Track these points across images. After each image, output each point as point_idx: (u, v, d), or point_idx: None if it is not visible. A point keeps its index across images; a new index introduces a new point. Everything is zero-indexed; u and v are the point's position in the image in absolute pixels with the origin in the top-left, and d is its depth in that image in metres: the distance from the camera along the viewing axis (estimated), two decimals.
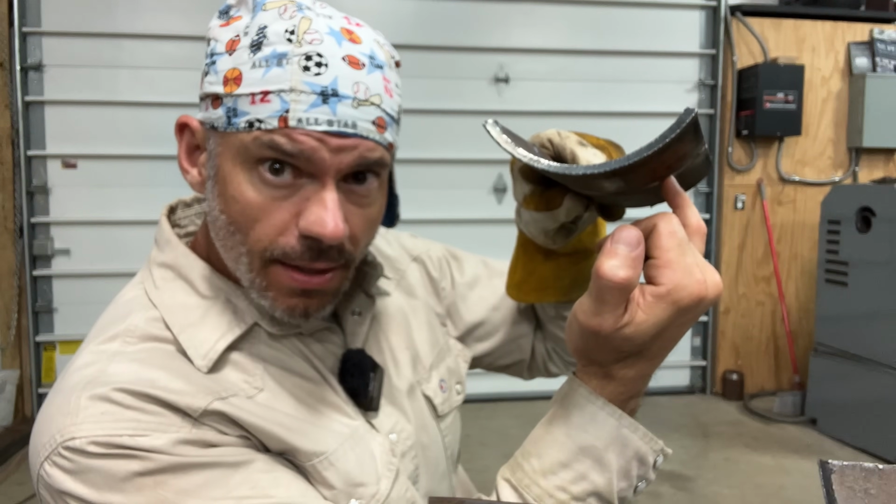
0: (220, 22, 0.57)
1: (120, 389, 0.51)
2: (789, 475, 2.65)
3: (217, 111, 0.54)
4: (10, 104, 3.04)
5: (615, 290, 0.46)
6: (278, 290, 0.56)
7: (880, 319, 2.78)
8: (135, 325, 0.57)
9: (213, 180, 0.56)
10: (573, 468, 0.51)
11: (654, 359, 0.50)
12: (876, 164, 3.65)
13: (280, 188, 0.53)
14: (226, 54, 0.54)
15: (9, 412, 3.04)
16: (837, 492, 0.43)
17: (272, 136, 0.51)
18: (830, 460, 0.44)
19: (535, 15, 3.37)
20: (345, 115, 0.52)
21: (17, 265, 3.10)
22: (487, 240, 3.35)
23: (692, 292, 0.46)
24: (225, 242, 0.56)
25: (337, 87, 0.51)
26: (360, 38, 0.54)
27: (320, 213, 0.52)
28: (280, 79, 0.51)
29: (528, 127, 3.02)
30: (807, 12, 3.53)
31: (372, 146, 0.54)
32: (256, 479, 0.53)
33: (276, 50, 0.52)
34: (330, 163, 0.52)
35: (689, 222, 0.49)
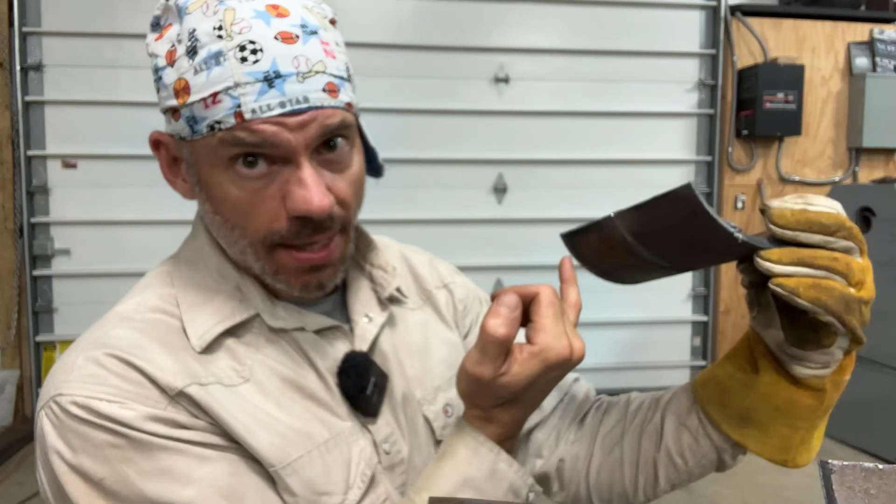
0: (154, 35, 0.58)
1: (111, 355, 0.55)
2: (789, 475, 2.66)
3: (179, 123, 0.56)
4: (10, 104, 3.04)
5: (495, 344, 0.54)
6: (288, 272, 0.59)
7: (880, 319, 2.77)
8: (149, 297, 0.61)
9: (199, 186, 0.59)
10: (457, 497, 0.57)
11: (527, 406, 0.59)
12: (876, 164, 3.65)
13: (258, 179, 0.55)
14: (168, 67, 0.56)
15: (9, 412, 3.04)
16: (837, 492, 0.43)
17: (233, 133, 0.53)
18: (830, 460, 0.44)
19: (535, 15, 3.37)
20: (293, 92, 0.53)
21: (17, 265, 3.10)
22: (487, 240, 3.36)
23: (559, 354, 0.55)
24: (227, 239, 0.59)
25: (278, 67, 0.52)
26: (287, 11, 0.55)
27: (302, 192, 0.54)
28: (223, 77, 0.52)
29: (529, 127, 3.02)
30: (807, 12, 3.53)
31: (329, 113, 0.55)
32: (217, 479, 0.54)
33: (211, 50, 0.53)
34: (295, 142, 0.54)
35: (569, 298, 0.60)
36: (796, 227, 0.50)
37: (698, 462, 0.66)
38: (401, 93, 3.21)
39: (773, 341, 0.57)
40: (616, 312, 3.42)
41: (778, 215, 0.50)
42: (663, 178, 3.52)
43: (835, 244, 0.50)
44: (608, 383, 3.49)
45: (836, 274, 0.50)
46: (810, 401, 0.58)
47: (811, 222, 0.50)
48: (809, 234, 0.50)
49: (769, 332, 0.57)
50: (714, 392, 0.63)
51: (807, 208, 0.51)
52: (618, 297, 3.38)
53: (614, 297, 3.34)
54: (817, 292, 0.49)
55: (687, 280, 3.58)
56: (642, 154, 3.47)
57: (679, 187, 0.48)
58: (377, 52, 3.19)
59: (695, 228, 0.49)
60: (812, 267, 0.49)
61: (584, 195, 3.43)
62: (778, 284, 0.49)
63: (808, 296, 0.49)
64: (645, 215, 0.52)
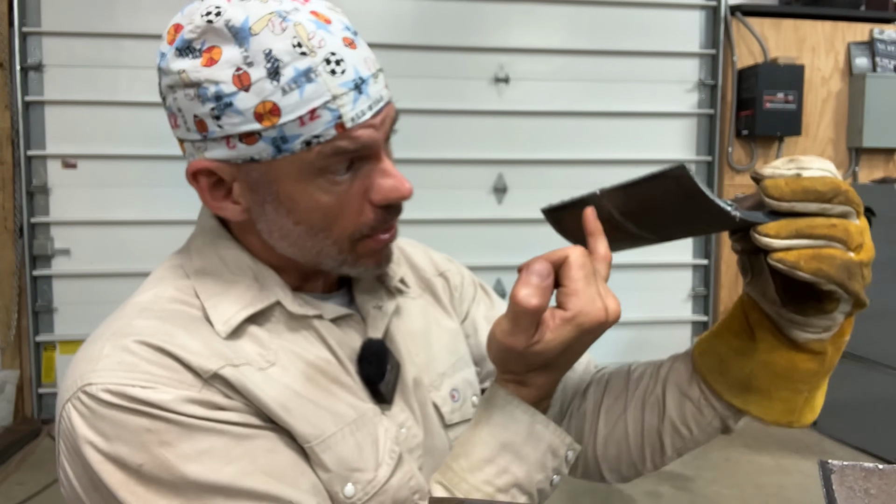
0: (197, 62, 0.54)
1: (140, 342, 0.55)
2: (789, 475, 2.66)
3: (256, 146, 0.55)
4: (10, 104, 3.04)
5: (527, 315, 0.53)
6: (368, 256, 0.63)
7: (880, 319, 2.78)
8: (165, 289, 0.62)
9: (273, 204, 0.59)
10: (496, 463, 0.57)
11: (562, 368, 0.58)
12: (876, 164, 3.65)
13: (345, 182, 0.58)
14: (241, 92, 0.53)
15: (9, 412, 3.04)
16: (837, 492, 0.43)
17: (334, 144, 0.55)
18: (830, 460, 0.45)
19: (535, 15, 3.37)
20: (375, 92, 0.57)
21: (17, 265, 3.10)
22: (487, 240, 3.36)
23: (594, 318, 0.53)
24: (304, 244, 0.61)
25: (360, 73, 0.56)
26: (328, 18, 0.56)
27: (391, 181, 0.59)
28: (318, 92, 0.54)
29: (529, 127, 3.02)
30: (807, 12, 3.53)
31: (391, 105, 0.60)
32: (256, 456, 0.55)
33: (298, 68, 0.53)
34: (379, 138, 0.58)
35: (597, 250, 0.57)
36: (792, 198, 0.49)
37: (703, 430, 0.68)
38: (401, 93, 3.19)
39: (771, 307, 0.57)
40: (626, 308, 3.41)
41: (772, 187, 0.50)
42: None
43: (832, 210, 0.50)
44: None
45: (835, 241, 0.49)
46: (811, 364, 0.58)
47: (807, 191, 0.49)
48: (806, 203, 0.49)
49: (765, 298, 0.57)
50: (713, 362, 0.64)
51: (800, 174, 0.50)
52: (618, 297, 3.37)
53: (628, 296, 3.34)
54: (819, 263, 0.48)
55: (687, 280, 3.58)
56: (642, 154, 3.47)
57: (672, 168, 0.48)
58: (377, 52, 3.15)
59: (689, 207, 0.50)
60: (811, 237, 0.49)
61: None
62: (778, 260, 0.49)
63: (809, 268, 0.48)
64: (634, 194, 0.53)
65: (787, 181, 0.49)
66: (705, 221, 0.51)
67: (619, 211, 0.55)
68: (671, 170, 0.48)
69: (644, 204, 0.53)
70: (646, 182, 0.51)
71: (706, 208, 0.49)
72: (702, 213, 0.50)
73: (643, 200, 0.53)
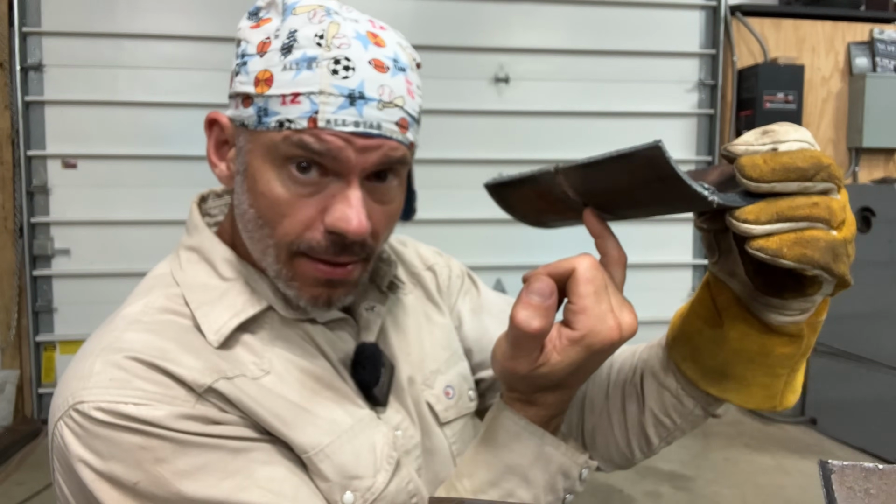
0: (250, 24, 0.59)
1: (131, 358, 0.54)
2: (789, 475, 2.66)
3: (248, 110, 0.56)
4: (10, 104, 3.04)
5: (529, 338, 0.50)
6: (303, 281, 0.59)
7: (880, 319, 2.78)
8: (155, 299, 0.60)
9: (243, 175, 0.58)
10: (501, 486, 0.55)
11: (573, 387, 0.55)
12: (876, 164, 3.65)
13: (307, 185, 0.55)
14: (257, 56, 0.56)
15: (9, 412, 3.04)
16: (837, 492, 0.43)
17: (301, 136, 0.54)
18: (830, 460, 0.45)
19: (535, 15, 3.37)
20: (371, 116, 0.54)
21: (17, 265, 3.10)
22: (487, 240, 3.36)
23: (605, 338, 0.49)
24: (252, 235, 0.59)
25: (364, 89, 0.54)
26: (384, 42, 0.57)
27: (346, 210, 0.55)
28: (310, 81, 0.53)
29: (529, 127, 3.02)
30: (807, 12, 3.53)
31: (395, 146, 0.56)
32: (253, 469, 0.54)
33: (307, 53, 0.54)
34: (355, 162, 0.55)
35: (609, 253, 0.52)
36: (772, 178, 0.43)
37: (685, 419, 0.64)
38: None
39: (742, 289, 0.53)
40: None
41: (750, 167, 0.44)
42: None
43: (813, 188, 0.44)
44: None
45: (818, 221, 0.44)
46: (787, 348, 0.54)
47: (788, 168, 0.43)
48: (787, 182, 0.44)
49: (735, 279, 0.53)
50: (686, 350, 0.60)
51: (777, 149, 0.45)
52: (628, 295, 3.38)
53: None
54: (802, 248, 0.43)
55: (687, 280, 3.58)
56: None
57: (646, 146, 0.43)
58: None
59: (659, 189, 0.45)
60: (792, 220, 0.43)
61: None
62: (759, 248, 0.43)
63: (793, 254, 0.43)
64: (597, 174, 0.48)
65: (766, 158, 0.44)
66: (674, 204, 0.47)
67: (575, 190, 0.52)
68: (644, 148, 0.43)
69: (606, 183, 0.49)
70: (611, 161, 0.46)
71: (679, 192, 0.43)
72: (673, 197, 0.45)
73: (606, 179, 0.48)
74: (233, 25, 0.64)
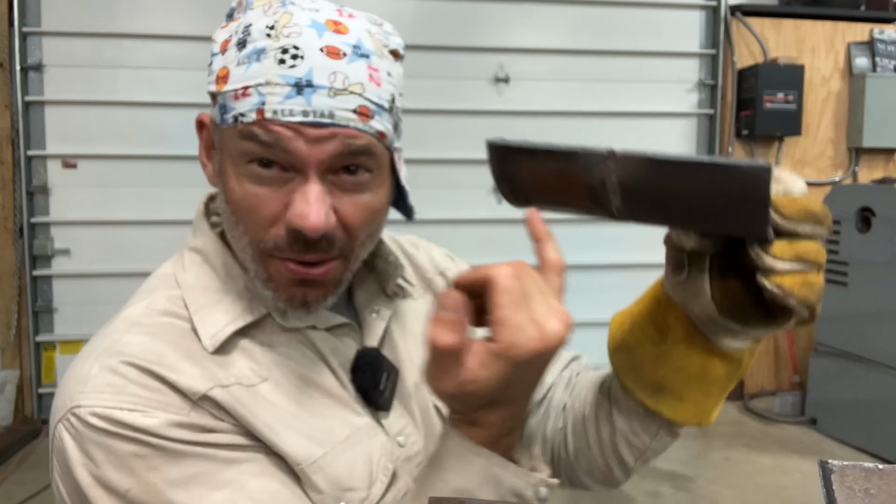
0: (222, 24, 0.59)
1: (128, 363, 0.54)
2: (789, 475, 2.66)
3: (215, 109, 0.57)
4: (10, 104, 3.04)
5: (443, 355, 0.47)
6: (278, 281, 0.57)
7: (880, 319, 2.78)
8: (157, 300, 0.60)
9: (220, 175, 0.58)
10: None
11: (513, 403, 0.51)
12: (876, 164, 3.65)
13: (269, 182, 0.54)
14: (220, 54, 0.56)
15: (9, 412, 3.04)
16: (837, 492, 0.43)
17: (251, 128, 0.53)
18: (830, 460, 0.45)
19: (535, 15, 3.37)
20: (320, 104, 0.52)
21: (17, 265, 3.10)
22: (487, 240, 3.35)
23: (526, 349, 0.46)
24: (232, 233, 0.59)
25: (312, 77, 0.52)
26: (346, 29, 0.55)
27: (302, 205, 0.53)
28: (258, 73, 0.53)
29: (529, 127, 3.01)
30: (807, 12, 3.53)
31: (354, 134, 0.54)
32: (244, 481, 0.54)
33: (257, 46, 0.53)
34: (308, 153, 0.53)
35: (547, 259, 0.50)
36: (798, 218, 0.46)
37: (654, 438, 0.65)
38: None
39: (703, 312, 0.53)
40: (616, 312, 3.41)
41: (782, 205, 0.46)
42: None
43: (819, 231, 0.48)
44: None
45: (816, 266, 0.47)
46: (725, 370, 0.57)
47: (808, 213, 0.47)
48: (805, 224, 0.47)
49: (697, 301, 0.53)
50: (627, 362, 0.62)
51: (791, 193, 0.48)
52: (618, 296, 3.37)
53: (614, 297, 3.34)
54: (807, 291, 0.46)
55: None
56: None
57: (756, 165, 0.41)
58: None
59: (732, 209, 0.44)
60: (804, 262, 0.46)
61: None
62: (777, 285, 0.46)
63: (800, 295, 0.46)
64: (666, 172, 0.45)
65: (791, 200, 0.47)
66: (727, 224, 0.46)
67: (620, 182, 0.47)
68: (754, 166, 0.41)
69: (666, 186, 0.45)
70: (698, 166, 0.43)
71: (751, 216, 0.43)
72: (737, 218, 0.44)
73: (670, 182, 0.45)
74: None
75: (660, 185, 0.46)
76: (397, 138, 0.61)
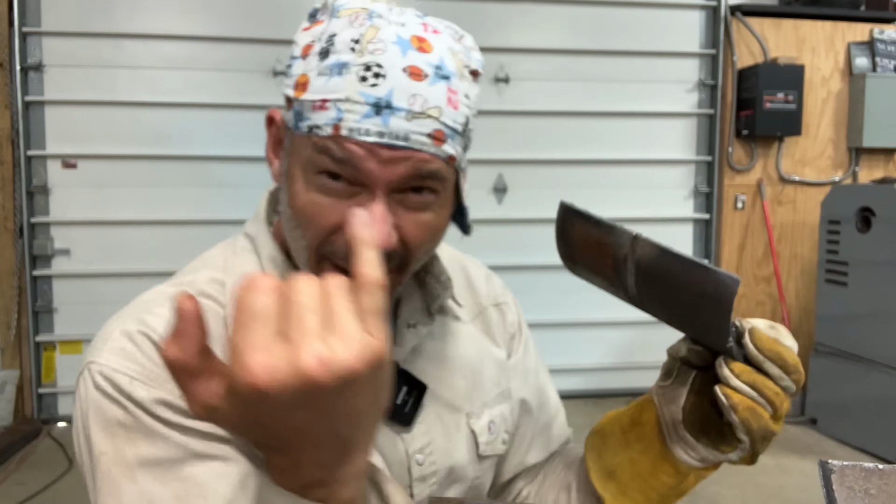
0: (304, 25, 0.59)
1: (144, 334, 0.56)
2: (789, 475, 2.66)
3: (289, 113, 0.57)
4: (10, 104, 3.04)
5: (175, 370, 0.38)
6: None
7: (880, 319, 2.78)
8: (198, 279, 0.62)
9: (286, 175, 0.59)
10: None
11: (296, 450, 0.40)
12: (876, 164, 3.65)
13: (334, 193, 0.55)
14: (300, 59, 0.56)
15: (9, 412, 3.04)
16: (837, 492, 0.43)
17: (325, 142, 0.53)
18: (830, 460, 0.44)
19: (535, 15, 3.37)
20: (397, 127, 0.52)
21: (17, 265, 3.10)
22: (487, 240, 3.35)
23: (240, 383, 0.35)
24: (291, 234, 0.59)
25: (391, 99, 0.52)
26: (431, 47, 0.55)
27: None
28: (338, 88, 0.53)
29: (529, 127, 3.01)
30: (807, 12, 3.53)
31: (426, 158, 0.54)
32: (205, 479, 0.53)
33: (340, 59, 0.53)
34: (379, 174, 0.53)
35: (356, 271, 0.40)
36: (768, 356, 0.54)
37: None
38: None
39: (670, 417, 0.59)
40: (616, 312, 3.41)
41: (758, 338, 0.54)
42: (663, 178, 3.52)
43: (784, 382, 0.55)
44: (608, 383, 3.49)
45: (770, 405, 0.54)
46: (670, 479, 0.61)
47: (781, 357, 0.54)
48: (773, 364, 0.54)
49: (670, 406, 0.59)
50: (597, 442, 0.67)
51: (778, 340, 0.55)
52: None
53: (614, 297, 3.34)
54: (750, 415, 0.53)
55: None
56: (642, 154, 3.47)
57: (727, 275, 0.48)
58: None
59: (704, 310, 0.51)
60: (759, 393, 0.54)
61: (584, 195, 3.43)
62: (725, 394, 0.53)
63: (742, 416, 0.53)
64: (666, 263, 0.52)
65: (770, 340, 0.55)
66: (697, 327, 0.55)
67: (636, 261, 0.54)
68: (725, 275, 0.48)
69: (666, 275, 0.52)
70: (688, 263, 0.50)
71: (716, 322, 0.51)
72: (706, 321, 0.52)
73: (669, 271, 0.52)
74: (233, 25, 0.64)
75: (661, 274, 0.53)
76: (465, 158, 0.62)
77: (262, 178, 3.83)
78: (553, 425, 0.81)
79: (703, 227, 3.61)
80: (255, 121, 3.26)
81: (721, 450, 0.58)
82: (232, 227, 0.70)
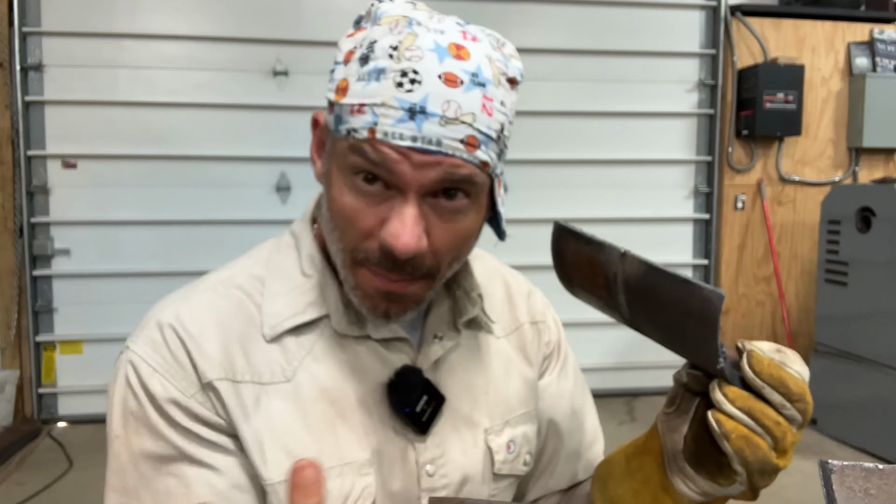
0: (348, 32, 0.61)
1: (172, 328, 0.59)
2: (789, 475, 2.65)
3: (331, 116, 0.58)
4: (10, 104, 3.04)
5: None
6: (364, 290, 0.59)
7: (880, 319, 2.78)
8: (238, 273, 0.65)
9: (326, 178, 0.60)
10: None
11: None
12: (876, 164, 3.65)
13: (371, 196, 0.56)
14: (342, 64, 0.58)
15: (9, 412, 3.04)
16: (837, 492, 0.43)
17: (361, 145, 0.54)
18: (830, 460, 0.44)
19: (535, 15, 3.37)
20: (430, 132, 0.53)
21: (17, 265, 3.10)
22: (487, 240, 3.35)
23: None
24: (330, 236, 0.61)
25: (426, 104, 0.53)
26: (468, 55, 0.55)
27: (396, 225, 0.55)
28: (375, 93, 0.54)
29: (529, 127, 3.01)
30: (807, 12, 3.53)
31: (458, 163, 0.55)
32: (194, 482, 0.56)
33: (378, 65, 0.54)
34: (411, 178, 0.54)
35: None
36: (767, 381, 0.50)
37: None
38: None
39: (671, 446, 0.57)
40: None
41: (756, 361, 0.50)
42: (663, 178, 3.52)
43: (787, 410, 0.50)
44: (608, 383, 3.49)
45: (770, 435, 0.50)
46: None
47: (782, 383, 0.50)
48: (774, 391, 0.50)
49: (672, 435, 0.57)
50: (603, 471, 0.66)
51: (783, 366, 0.51)
52: None
53: None
54: (745, 444, 0.49)
55: None
56: (642, 154, 3.47)
57: (711, 290, 0.47)
58: None
59: (690, 328, 0.49)
60: (756, 421, 0.50)
61: (584, 195, 3.43)
62: (717, 420, 0.50)
63: (736, 445, 0.49)
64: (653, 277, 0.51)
65: (771, 364, 0.51)
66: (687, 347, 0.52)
67: (625, 279, 0.54)
68: (709, 290, 0.47)
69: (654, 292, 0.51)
70: (673, 278, 0.49)
71: (703, 340, 0.49)
72: (694, 339, 0.50)
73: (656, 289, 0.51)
74: (232, 25, 0.64)
75: (649, 291, 0.51)
76: (501, 165, 0.62)
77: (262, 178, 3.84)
78: (585, 454, 0.79)
79: (703, 227, 3.61)
80: (255, 121, 3.27)
81: (719, 482, 0.55)
82: (232, 228, 0.71)
